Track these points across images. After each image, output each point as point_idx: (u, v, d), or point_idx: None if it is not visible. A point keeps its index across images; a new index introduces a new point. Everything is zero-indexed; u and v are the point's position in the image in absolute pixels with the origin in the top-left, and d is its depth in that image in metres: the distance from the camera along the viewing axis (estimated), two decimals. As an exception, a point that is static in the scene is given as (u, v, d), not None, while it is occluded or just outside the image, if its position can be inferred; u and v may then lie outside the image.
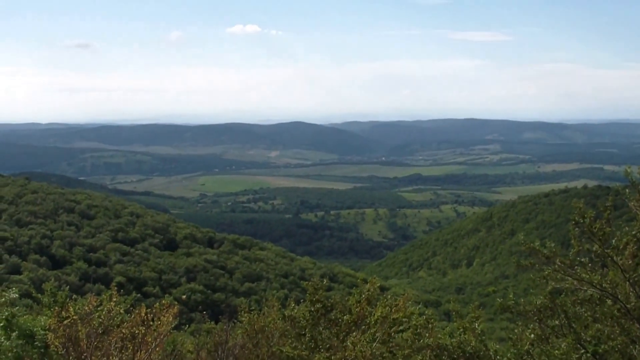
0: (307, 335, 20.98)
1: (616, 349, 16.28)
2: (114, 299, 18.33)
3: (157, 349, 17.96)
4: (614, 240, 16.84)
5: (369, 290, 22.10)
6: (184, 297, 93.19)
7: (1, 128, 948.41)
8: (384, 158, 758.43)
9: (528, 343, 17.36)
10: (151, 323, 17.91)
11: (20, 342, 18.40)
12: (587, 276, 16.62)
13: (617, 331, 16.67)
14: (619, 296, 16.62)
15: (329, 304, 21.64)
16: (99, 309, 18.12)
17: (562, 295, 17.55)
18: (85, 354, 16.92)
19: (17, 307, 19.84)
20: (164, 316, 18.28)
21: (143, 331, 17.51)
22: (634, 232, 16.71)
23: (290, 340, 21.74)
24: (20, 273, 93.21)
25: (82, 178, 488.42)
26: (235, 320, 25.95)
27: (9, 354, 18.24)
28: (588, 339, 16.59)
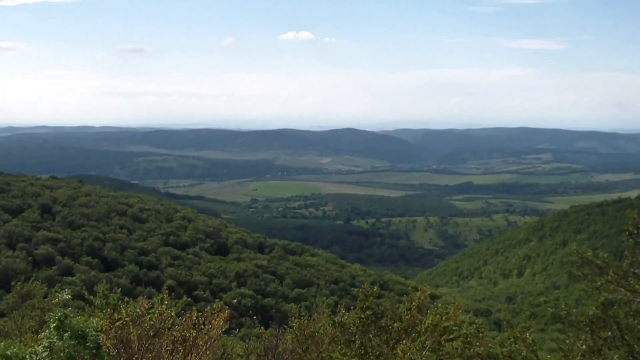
0: (357, 342, 21.00)
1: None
2: (165, 302, 18.47)
3: (208, 352, 18.10)
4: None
5: (419, 298, 22.09)
6: (234, 301, 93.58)
7: (55, 131, 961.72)
8: (435, 166, 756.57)
9: (579, 354, 17.17)
10: (202, 327, 18.07)
11: (73, 342, 18.57)
12: (641, 287, 16.43)
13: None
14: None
15: (379, 311, 21.65)
16: (150, 311, 18.28)
17: (614, 307, 17.34)
18: (136, 356, 17.08)
19: (70, 308, 20.01)
20: (215, 320, 18.43)
21: (194, 334, 17.70)
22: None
23: (339, 347, 21.75)
24: (72, 275, 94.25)
25: (134, 182, 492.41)
26: (285, 326, 26.00)
27: (62, 354, 18.42)
28: (641, 352, 16.39)
